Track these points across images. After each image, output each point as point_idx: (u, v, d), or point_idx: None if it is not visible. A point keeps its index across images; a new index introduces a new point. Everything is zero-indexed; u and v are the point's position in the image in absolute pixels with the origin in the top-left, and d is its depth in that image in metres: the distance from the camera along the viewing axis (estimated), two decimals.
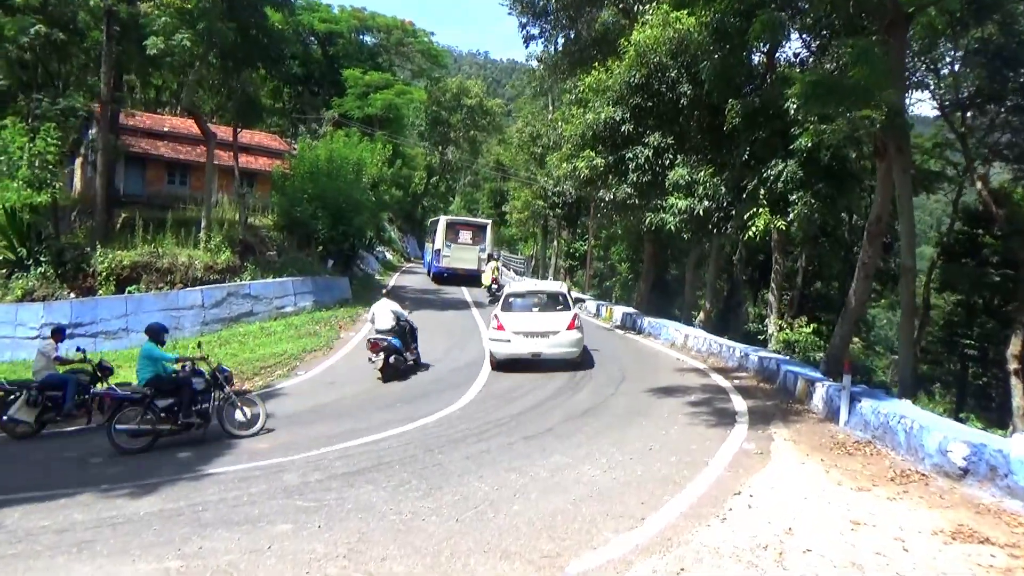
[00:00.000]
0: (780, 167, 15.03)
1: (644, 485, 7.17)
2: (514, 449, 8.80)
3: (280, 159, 33.74)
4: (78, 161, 32.48)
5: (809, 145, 13.66)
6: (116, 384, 11.44)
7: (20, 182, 19.74)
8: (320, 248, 26.97)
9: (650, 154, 18.92)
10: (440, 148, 68.97)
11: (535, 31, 27.50)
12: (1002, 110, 21.27)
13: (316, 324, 20.05)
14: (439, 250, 32.45)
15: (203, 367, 10.53)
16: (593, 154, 19.50)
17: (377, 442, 9.49)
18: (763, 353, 13.52)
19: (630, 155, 19.05)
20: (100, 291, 20.56)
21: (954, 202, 25.33)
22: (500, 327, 14.54)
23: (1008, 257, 22.43)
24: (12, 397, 11.03)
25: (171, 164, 32.11)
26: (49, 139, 20.39)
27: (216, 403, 10.36)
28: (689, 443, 8.85)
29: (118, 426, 9.76)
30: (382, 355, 13.76)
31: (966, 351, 25.29)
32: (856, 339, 40.51)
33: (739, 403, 11.18)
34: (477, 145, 70.15)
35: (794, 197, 14.80)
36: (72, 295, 20.24)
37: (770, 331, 20.62)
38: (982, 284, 24.83)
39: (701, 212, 17.47)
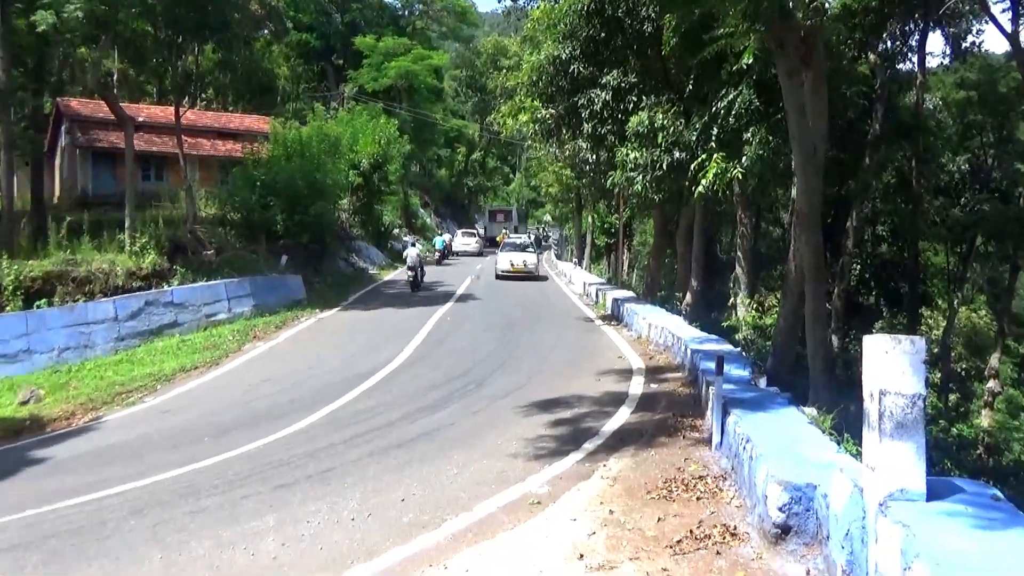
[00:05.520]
0: (731, 96, 12.68)
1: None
2: (239, 506, 7.16)
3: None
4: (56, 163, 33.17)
5: (750, 62, 11.28)
6: None
7: None
8: (280, 243, 26.06)
9: (608, 97, 16.81)
10: (480, 119, 67.56)
11: None
12: None
13: (234, 334, 18.94)
14: (486, 227, 62.79)
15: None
16: (539, 104, 17.56)
17: (78, 506, 7.91)
18: (696, 346, 11.30)
19: (583, 101, 17.01)
20: (8, 307, 20.10)
21: None
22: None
23: None
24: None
25: (145, 158, 31.68)
26: None
27: None
28: (463, 490, 7.00)
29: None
30: None
31: None
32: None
33: (616, 421, 9.16)
34: None
35: (748, 134, 12.43)
36: None
37: (739, 314, 17.90)
38: None
39: (664, 166, 15.28)
